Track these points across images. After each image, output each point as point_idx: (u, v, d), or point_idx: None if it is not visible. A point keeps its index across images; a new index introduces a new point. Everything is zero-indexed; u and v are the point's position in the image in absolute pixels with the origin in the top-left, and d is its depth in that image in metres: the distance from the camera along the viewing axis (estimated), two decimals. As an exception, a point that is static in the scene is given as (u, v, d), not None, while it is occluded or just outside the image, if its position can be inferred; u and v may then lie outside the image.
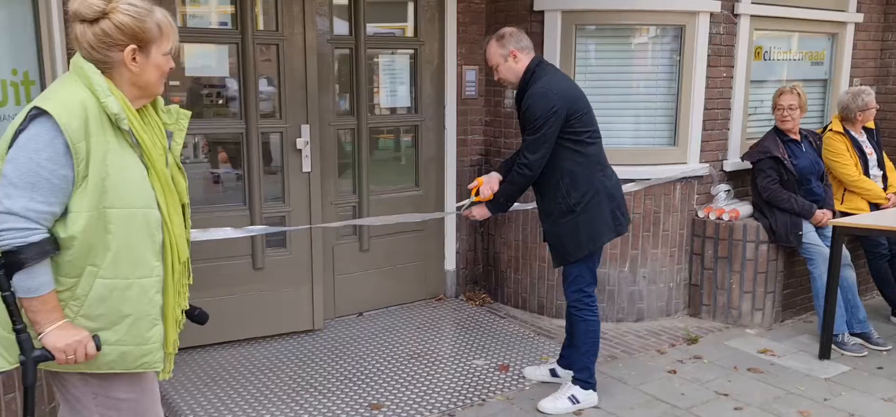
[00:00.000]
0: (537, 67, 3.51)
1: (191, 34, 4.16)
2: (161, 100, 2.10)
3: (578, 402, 3.71)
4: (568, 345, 3.95)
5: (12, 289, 1.84)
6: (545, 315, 5.05)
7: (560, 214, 3.54)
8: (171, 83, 4.10)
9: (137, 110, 1.99)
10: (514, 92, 3.66)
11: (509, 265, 5.21)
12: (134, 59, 1.91)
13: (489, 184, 3.64)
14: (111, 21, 1.87)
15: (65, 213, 1.86)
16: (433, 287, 5.30)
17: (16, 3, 2.93)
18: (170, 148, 2.09)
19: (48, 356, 1.89)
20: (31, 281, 1.83)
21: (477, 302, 5.32)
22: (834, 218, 4.71)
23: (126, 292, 1.94)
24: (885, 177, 5.09)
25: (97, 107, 1.87)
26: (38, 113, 1.83)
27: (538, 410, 3.70)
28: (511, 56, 3.50)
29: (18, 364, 1.91)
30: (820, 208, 4.67)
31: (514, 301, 5.22)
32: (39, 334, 1.87)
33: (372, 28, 4.76)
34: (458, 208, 3.92)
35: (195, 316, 2.30)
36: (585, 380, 3.75)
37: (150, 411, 2.12)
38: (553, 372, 4.02)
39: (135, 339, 1.97)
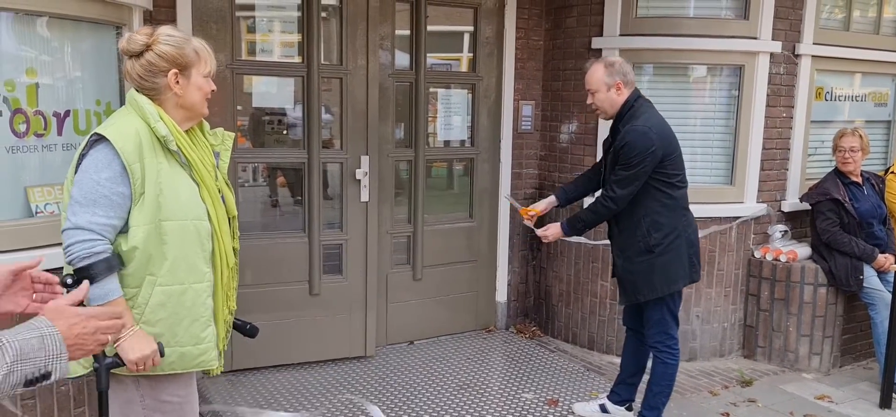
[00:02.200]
0: (636, 102, 3.53)
1: (259, 67, 4.33)
2: (206, 125, 2.31)
3: None
4: (621, 381, 3.95)
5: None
6: (596, 350, 5.03)
7: (637, 253, 3.54)
8: (238, 112, 4.26)
9: (187, 133, 2.19)
10: (607, 122, 3.73)
11: (561, 299, 5.21)
12: (177, 81, 2.13)
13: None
14: (154, 52, 2.11)
15: (126, 228, 2.06)
16: (484, 318, 5.33)
17: (101, 35, 3.11)
18: (217, 166, 2.29)
19: (119, 363, 2.03)
20: (100, 289, 1.99)
21: (527, 335, 5.34)
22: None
23: (182, 297, 2.12)
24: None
25: (149, 133, 2.08)
26: (98, 139, 2.05)
27: None
28: (615, 87, 3.52)
29: (92, 371, 2.06)
30: (882, 253, 4.58)
31: (564, 335, 5.22)
32: (115, 341, 1.98)
33: (431, 61, 4.86)
34: (524, 216, 4.00)
35: (247, 329, 2.42)
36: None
37: (193, 411, 2.28)
38: (603, 408, 4.01)
39: (191, 340, 2.17)
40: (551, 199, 3.94)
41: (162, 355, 2.09)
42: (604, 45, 4.75)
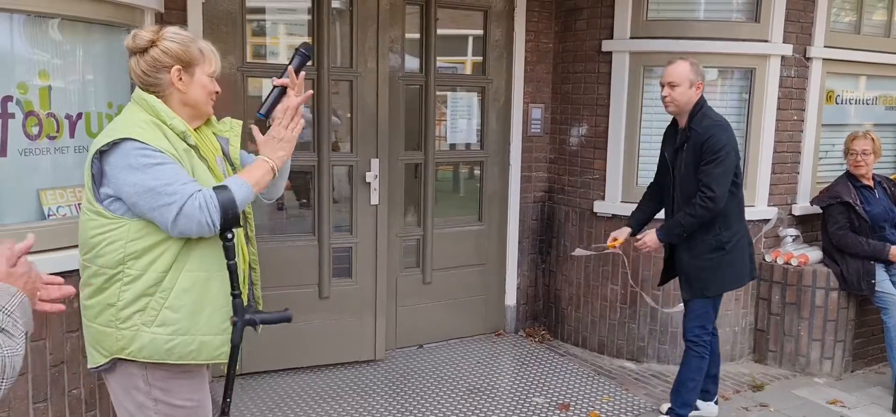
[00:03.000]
0: (704, 104, 3.63)
1: (269, 69, 4.32)
2: (213, 118, 2.31)
3: None
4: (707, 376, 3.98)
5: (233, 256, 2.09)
6: (606, 354, 5.01)
7: (708, 249, 3.63)
8: (248, 115, 4.25)
9: (196, 131, 2.20)
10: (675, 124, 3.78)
11: (570, 303, 5.19)
12: (180, 77, 2.13)
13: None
14: (159, 48, 2.12)
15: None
16: (493, 321, 5.32)
17: (113, 37, 3.10)
18: (227, 153, 2.31)
19: (254, 322, 2.17)
20: (241, 197, 2.08)
21: (536, 339, 5.32)
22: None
23: (207, 284, 2.12)
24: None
25: (164, 126, 2.09)
26: (122, 139, 2.01)
27: None
28: (696, 86, 3.59)
29: (109, 362, 2.12)
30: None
31: (574, 339, 5.20)
32: (274, 169, 2.20)
33: (441, 64, 4.85)
34: (596, 248, 4.14)
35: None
36: (684, 415, 3.86)
37: (206, 415, 2.27)
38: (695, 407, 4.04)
39: (212, 329, 2.15)
40: (626, 230, 4.00)
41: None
42: (614, 47, 4.73)
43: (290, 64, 2.26)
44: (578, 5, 4.92)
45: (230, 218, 2.04)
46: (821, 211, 4.76)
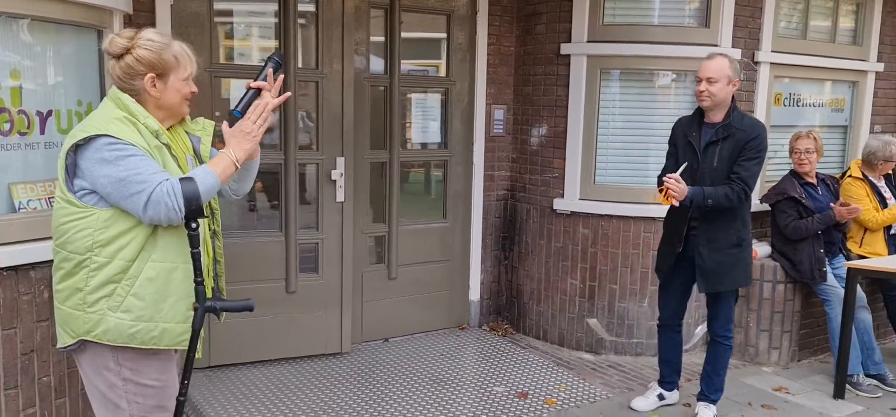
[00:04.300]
0: (735, 103, 3.75)
1: (237, 70, 4.45)
2: (188, 117, 2.45)
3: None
4: (675, 371, 4.22)
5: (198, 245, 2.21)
6: (565, 346, 5.20)
7: (730, 245, 3.74)
8: (217, 115, 4.37)
9: (168, 129, 2.34)
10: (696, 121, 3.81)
11: (532, 297, 5.37)
12: (154, 84, 2.25)
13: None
14: (133, 55, 2.23)
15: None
16: (457, 316, 5.48)
17: (83, 38, 3.21)
18: (198, 151, 2.44)
19: (215, 309, 2.29)
20: (205, 187, 2.18)
21: (500, 333, 5.49)
22: (848, 248, 4.94)
23: (171, 274, 2.26)
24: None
25: (135, 125, 2.21)
26: (96, 135, 2.15)
27: None
28: (733, 83, 3.69)
29: (77, 343, 2.26)
30: (837, 250, 4.80)
31: (535, 332, 5.38)
32: (237, 161, 2.30)
33: (406, 66, 5.01)
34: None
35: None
36: (717, 400, 4.09)
37: (170, 399, 2.40)
38: (660, 397, 4.24)
39: (175, 317, 2.29)
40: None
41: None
42: (572, 51, 4.92)
43: (265, 67, 2.39)
44: (538, 10, 5.11)
45: (194, 207, 2.16)
46: (770, 208, 4.99)
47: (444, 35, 5.11)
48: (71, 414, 3.24)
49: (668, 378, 4.22)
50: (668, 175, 3.61)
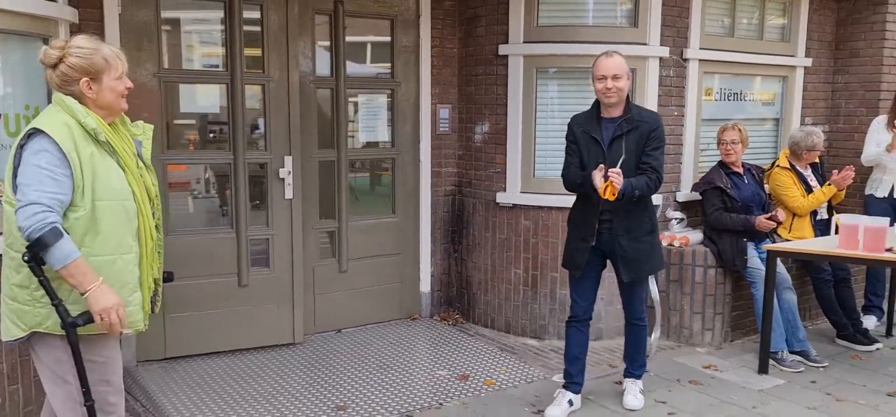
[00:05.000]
0: (629, 97, 3.92)
1: (185, 75, 4.68)
2: (127, 119, 2.66)
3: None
4: (581, 371, 4.18)
5: (44, 274, 2.37)
6: (511, 333, 5.45)
7: (644, 232, 3.92)
8: (167, 118, 4.60)
9: (111, 126, 2.55)
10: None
11: (480, 287, 5.62)
12: (90, 87, 2.47)
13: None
14: (66, 63, 2.46)
15: (68, 208, 2.39)
16: (409, 307, 5.72)
17: (29, 46, 3.44)
18: (140, 153, 2.67)
19: (81, 322, 2.39)
20: (61, 252, 2.30)
21: (450, 322, 5.73)
22: (777, 234, 5.21)
23: (112, 266, 2.48)
24: (830, 208, 5.51)
25: (78, 127, 2.43)
26: (35, 132, 2.39)
27: (629, 409, 4.18)
28: (630, 77, 3.88)
29: (27, 337, 2.47)
30: (763, 236, 5.09)
31: (483, 321, 5.63)
32: (84, 294, 2.35)
33: (352, 69, 5.25)
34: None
35: (165, 278, 2.82)
36: (642, 374, 4.30)
37: (117, 370, 2.64)
38: (571, 402, 4.15)
39: None
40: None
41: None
42: (510, 51, 5.19)
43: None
44: (478, 13, 5.37)
45: (36, 249, 2.30)
46: (700, 196, 5.27)
47: (389, 38, 5.35)
48: (24, 401, 3.45)
49: (577, 379, 4.15)
50: (612, 169, 3.67)
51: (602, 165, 3.71)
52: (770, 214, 5.03)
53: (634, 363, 4.29)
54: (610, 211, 3.85)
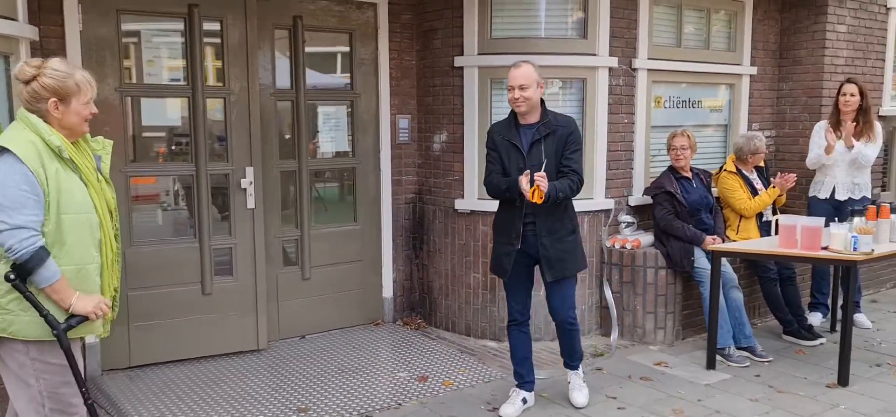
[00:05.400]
0: (544, 103, 4.04)
1: (147, 89, 4.79)
2: (88, 135, 2.78)
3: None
4: (531, 369, 4.30)
5: (30, 290, 2.54)
6: (472, 336, 5.61)
7: (567, 232, 4.05)
8: (130, 131, 4.71)
9: (73, 143, 2.68)
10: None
11: (441, 292, 5.78)
12: (57, 107, 2.60)
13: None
14: (39, 82, 2.60)
15: None
16: (372, 312, 5.86)
17: (-8, 65, 3.55)
18: (100, 168, 2.80)
19: (73, 324, 2.60)
20: (47, 272, 2.51)
21: (413, 327, 5.88)
22: (726, 235, 5.43)
23: (77, 275, 2.63)
24: (774, 211, 5.75)
25: (43, 144, 2.57)
26: (2, 150, 2.50)
27: (577, 407, 4.30)
28: (541, 86, 3.97)
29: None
30: (710, 237, 5.31)
31: (445, 324, 5.79)
32: (68, 307, 2.58)
33: (312, 81, 5.39)
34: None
35: None
36: (579, 364, 4.38)
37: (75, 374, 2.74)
38: (524, 401, 4.29)
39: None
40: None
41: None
42: (465, 63, 5.37)
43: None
44: (434, 26, 5.55)
45: (25, 270, 2.49)
46: (652, 200, 5.49)
47: (347, 50, 5.51)
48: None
49: (528, 378, 4.27)
50: (538, 173, 3.79)
51: (527, 171, 3.82)
52: (713, 236, 5.25)
53: (572, 354, 4.36)
54: (533, 214, 3.96)
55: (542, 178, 3.80)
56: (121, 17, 4.51)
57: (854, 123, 5.67)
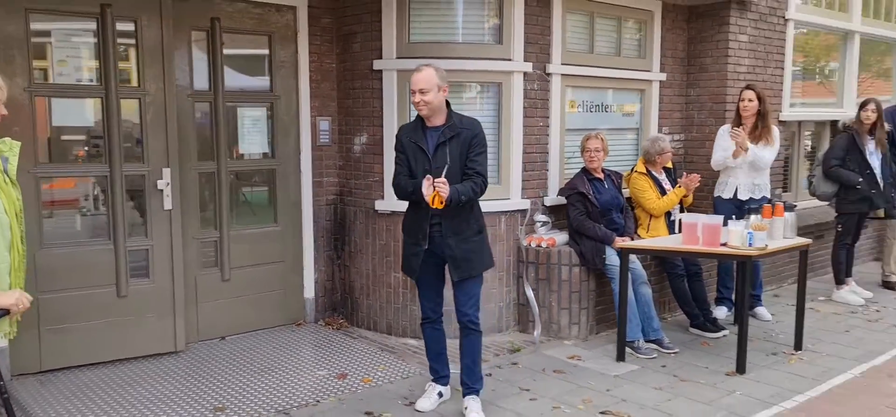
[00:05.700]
0: (450, 106, 4.07)
1: (58, 89, 4.72)
2: None
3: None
4: (445, 363, 4.39)
5: None
6: (393, 334, 5.70)
7: (473, 233, 4.10)
8: (40, 131, 4.63)
9: None
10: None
11: (362, 292, 5.86)
12: None
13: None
14: None
15: None
16: (293, 313, 5.89)
17: None
18: (6, 169, 2.80)
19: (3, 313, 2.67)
20: None
21: (335, 327, 5.93)
22: (637, 233, 5.66)
23: None
24: (682, 210, 6.04)
25: None
26: None
27: None
28: (443, 89, 3.97)
29: None
30: (620, 236, 5.54)
31: (367, 324, 5.86)
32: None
33: (231, 82, 5.40)
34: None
35: None
36: (481, 388, 4.29)
37: None
38: (440, 394, 4.39)
39: None
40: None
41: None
42: (383, 66, 5.47)
43: None
44: (354, 30, 5.63)
45: None
46: (566, 200, 5.70)
47: (267, 52, 5.54)
48: None
49: (443, 373, 4.38)
50: (438, 179, 3.85)
51: (429, 176, 3.89)
52: (623, 237, 5.50)
53: (473, 375, 4.24)
54: (439, 215, 4.02)
55: (442, 184, 3.85)
56: (29, 15, 4.44)
57: (753, 127, 6.02)
